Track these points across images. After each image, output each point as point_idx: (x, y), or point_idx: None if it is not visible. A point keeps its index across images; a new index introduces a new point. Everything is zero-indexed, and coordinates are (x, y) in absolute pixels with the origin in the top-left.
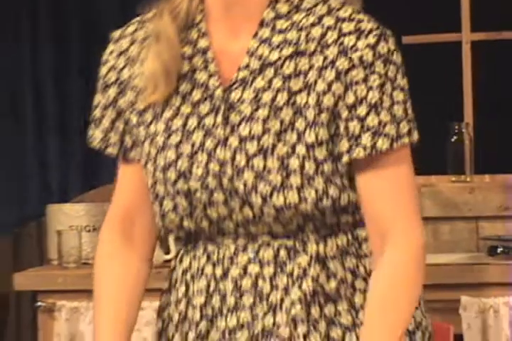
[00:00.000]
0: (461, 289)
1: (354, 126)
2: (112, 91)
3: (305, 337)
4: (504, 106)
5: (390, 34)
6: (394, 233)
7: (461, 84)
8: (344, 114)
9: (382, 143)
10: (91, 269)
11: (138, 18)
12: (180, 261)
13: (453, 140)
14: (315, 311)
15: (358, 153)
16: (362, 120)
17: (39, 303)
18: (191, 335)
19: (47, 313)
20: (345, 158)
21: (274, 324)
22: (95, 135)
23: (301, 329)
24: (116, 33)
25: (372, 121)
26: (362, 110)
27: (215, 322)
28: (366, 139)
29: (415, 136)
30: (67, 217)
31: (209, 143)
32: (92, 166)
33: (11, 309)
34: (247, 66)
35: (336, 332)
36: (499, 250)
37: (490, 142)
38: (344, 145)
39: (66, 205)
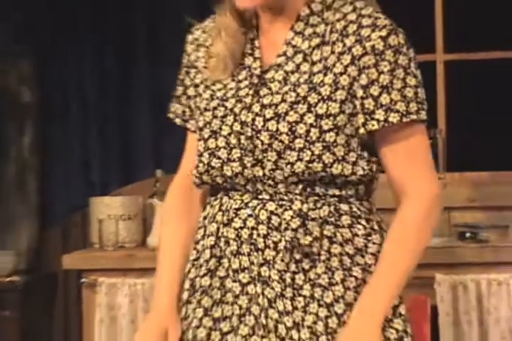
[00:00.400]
0: (435, 268)
1: (369, 103)
2: (182, 73)
3: (287, 282)
4: (472, 116)
5: (402, 32)
6: (409, 189)
7: (435, 98)
8: (359, 93)
9: (393, 118)
10: (126, 251)
11: (212, 16)
12: (204, 209)
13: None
14: (294, 265)
15: (373, 125)
16: (375, 98)
17: (83, 280)
18: (203, 270)
19: (89, 288)
20: (361, 131)
21: (266, 271)
22: (171, 108)
23: (286, 276)
24: (195, 26)
25: (384, 99)
26: (375, 90)
27: (222, 263)
28: (379, 114)
29: (423, 115)
30: (106, 207)
31: (237, 109)
32: (128, 165)
33: (60, 285)
34: (284, 54)
35: (313, 290)
36: (467, 235)
37: (459, 145)
38: (360, 119)
39: (106, 198)
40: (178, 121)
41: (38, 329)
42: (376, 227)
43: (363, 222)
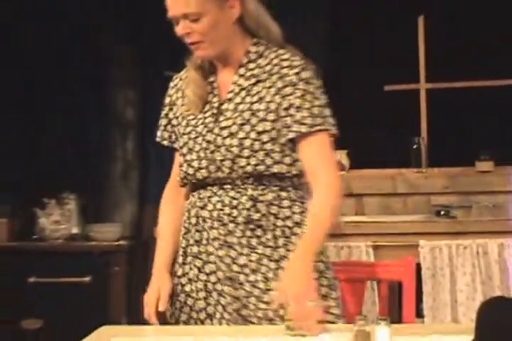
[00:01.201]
0: (419, 236)
1: (288, 120)
2: (166, 109)
3: (244, 244)
4: (447, 128)
5: (311, 68)
6: (318, 181)
7: (419, 114)
8: (282, 113)
9: (304, 129)
10: None
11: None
12: (188, 199)
13: (414, 147)
14: (250, 232)
15: (290, 135)
16: (292, 116)
17: None
18: (191, 241)
19: None
20: (283, 139)
21: (230, 239)
22: (157, 134)
23: (243, 240)
24: (175, 75)
25: (298, 116)
26: (292, 111)
27: (203, 235)
28: (294, 127)
29: (326, 126)
30: None
31: (204, 132)
32: None
33: (152, 248)
34: (232, 91)
35: (264, 250)
36: (442, 213)
37: (437, 148)
38: (284, 131)
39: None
40: (165, 143)
41: (138, 281)
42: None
43: (298, 204)
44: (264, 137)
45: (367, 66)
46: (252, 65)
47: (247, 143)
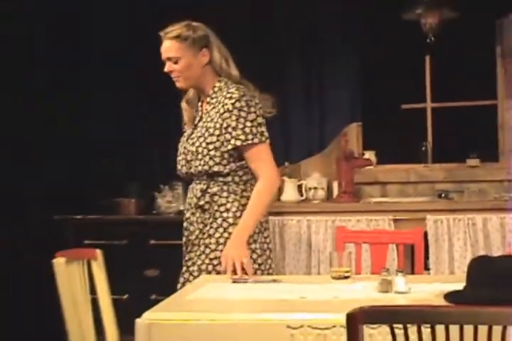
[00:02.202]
0: (426, 212)
1: (227, 136)
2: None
3: (200, 221)
4: (446, 135)
5: (246, 99)
6: (260, 175)
7: (426, 126)
8: (223, 131)
9: (238, 142)
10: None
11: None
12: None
13: (423, 149)
14: (202, 214)
15: (229, 146)
16: (230, 134)
17: None
18: (185, 218)
19: None
20: (225, 149)
21: (192, 218)
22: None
23: (200, 220)
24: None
25: (234, 134)
26: (230, 130)
27: (188, 214)
28: (232, 141)
29: (257, 140)
30: None
31: (185, 143)
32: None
33: None
34: (203, 113)
35: (211, 226)
36: (442, 195)
37: (439, 150)
38: (225, 143)
39: None
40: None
41: None
42: (246, 200)
43: (233, 195)
44: (210, 146)
45: (388, 90)
46: (214, 96)
47: (200, 150)
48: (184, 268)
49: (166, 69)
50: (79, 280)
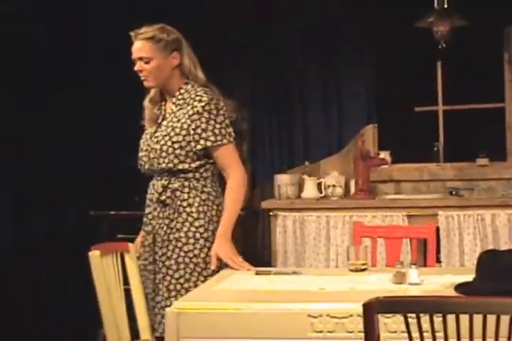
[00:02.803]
0: (438, 208)
1: (196, 137)
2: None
3: (165, 216)
4: (457, 136)
5: (215, 102)
6: (229, 174)
7: (438, 127)
8: (192, 132)
9: (208, 143)
10: (289, 200)
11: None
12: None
13: (435, 149)
14: (163, 209)
15: (198, 147)
16: (199, 135)
17: (271, 213)
18: (147, 213)
19: (274, 217)
20: (194, 148)
21: (154, 213)
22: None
23: (162, 215)
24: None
25: (204, 135)
26: (199, 131)
27: (150, 209)
28: (201, 141)
29: (225, 141)
30: (281, 179)
31: (149, 140)
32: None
33: (260, 216)
34: (168, 112)
35: (177, 220)
36: (453, 193)
37: (450, 150)
38: (193, 144)
39: (283, 175)
40: None
41: (251, 240)
42: (206, 195)
43: (194, 191)
44: (176, 145)
45: (402, 93)
46: (180, 97)
47: (165, 148)
48: (160, 264)
49: (136, 68)
50: (113, 272)
